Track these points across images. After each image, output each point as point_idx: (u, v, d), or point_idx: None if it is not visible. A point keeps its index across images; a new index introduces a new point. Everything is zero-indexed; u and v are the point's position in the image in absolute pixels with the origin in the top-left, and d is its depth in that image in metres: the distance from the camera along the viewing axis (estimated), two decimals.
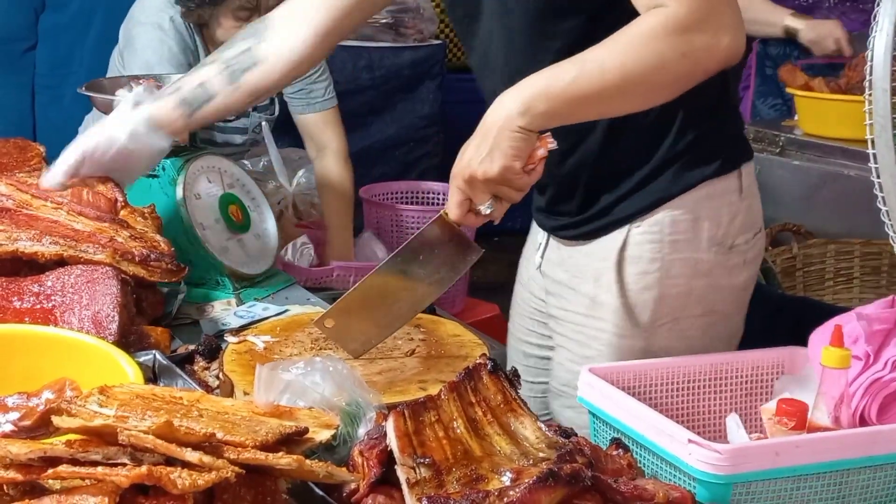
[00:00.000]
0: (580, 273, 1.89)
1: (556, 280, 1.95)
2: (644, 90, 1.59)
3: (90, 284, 1.70)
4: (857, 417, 1.51)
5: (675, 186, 1.80)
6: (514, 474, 1.21)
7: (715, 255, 1.81)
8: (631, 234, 1.81)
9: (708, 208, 1.80)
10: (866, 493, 1.39)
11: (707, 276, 1.82)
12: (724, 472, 1.31)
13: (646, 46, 1.54)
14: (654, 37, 1.54)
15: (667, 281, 1.81)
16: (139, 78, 2.39)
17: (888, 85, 1.32)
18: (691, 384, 1.61)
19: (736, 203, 1.83)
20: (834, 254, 3.17)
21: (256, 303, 2.11)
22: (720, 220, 1.81)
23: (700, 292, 1.82)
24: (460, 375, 1.34)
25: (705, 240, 1.80)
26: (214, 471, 1.08)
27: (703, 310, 1.83)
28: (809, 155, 3.35)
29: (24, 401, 1.32)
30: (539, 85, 1.57)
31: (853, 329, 1.53)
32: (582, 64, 1.57)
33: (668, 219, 1.80)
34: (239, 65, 1.96)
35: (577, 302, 1.89)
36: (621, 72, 1.55)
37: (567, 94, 1.56)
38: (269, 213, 2.34)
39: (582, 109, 1.60)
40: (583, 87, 1.56)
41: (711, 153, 1.81)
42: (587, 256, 1.88)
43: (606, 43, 1.57)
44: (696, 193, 1.80)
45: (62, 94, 3.65)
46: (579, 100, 1.57)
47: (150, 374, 1.62)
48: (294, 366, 1.43)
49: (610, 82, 1.55)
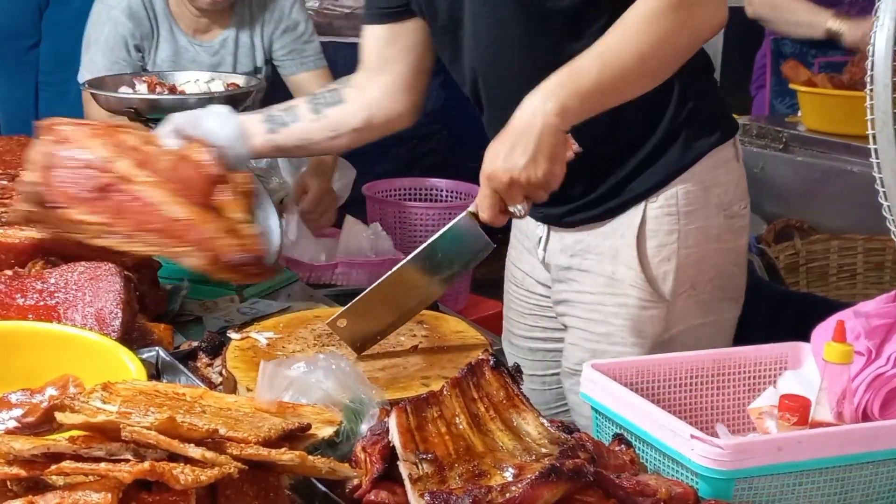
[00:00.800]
0: (592, 254, 1.92)
1: (563, 266, 1.96)
2: (657, 68, 1.69)
3: (93, 281, 1.70)
4: (860, 413, 1.51)
5: (686, 158, 1.86)
6: (517, 470, 1.21)
7: (723, 220, 1.90)
8: (648, 209, 1.86)
9: (715, 176, 1.88)
10: (869, 489, 1.39)
11: (717, 241, 1.90)
12: (727, 467, 1.31)
13: (653, 25, 1.63)
14: (659, 14, 1.63)
15: (683, 250, 1.87)
16: (141, 76, 2.40)
17: (889, 80, 1.33)
18: (694, 380, 1.61)
19: (736, 170, 1.92)
20: (837, 250, 3.17)
21: (259, 299, 2.12)
22: (727, 186, 1.90)
23: (712, 257, 1.90)
24: (463, 371, 1.34)
25: (714, 206, 1.88)
26: (217, 467, 1.09)
27: (715, 273, 1.91)
28: (813, 151, 3.35)
29: (28, 397, 1.32)
30: (568, 83, 1.63)
31: (854, 325, 1.53)
32: (601, 56, 1.64)
33: (682, 191, 1.86)
34: (324, 100, 2.04)
35: (591, 282, 1.92)
36: (640, 59, 1.64)
37: (595, 88, 1.64)
38: (272, 210, 2.33)
39: (608, 99, 1.68)
40: (607, 78, 1.64)
41: (711, 123, 1.89)
42: (601, 237, 1.91)
43: (616, 30, 1.65)
44: (704, 163, 1.87)
45: (66, 91, 3.63)
46: (606, 91, 1.65)
47: (153, 370, 1.63)
48: (297, 362, 1.43)
49: (630, 68, 1.65)
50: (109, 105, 2.33)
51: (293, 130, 2.01)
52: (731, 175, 1.91)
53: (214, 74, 2.45)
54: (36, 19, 3.68)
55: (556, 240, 1.98)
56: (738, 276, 1.97)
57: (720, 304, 1.93)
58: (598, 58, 1.64)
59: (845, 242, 3.17)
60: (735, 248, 1.94)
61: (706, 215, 1.88)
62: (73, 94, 3.60)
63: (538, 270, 2.04)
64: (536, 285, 2.06)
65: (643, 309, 1.89)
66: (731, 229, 1.92)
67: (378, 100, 2.02)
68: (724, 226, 1.90)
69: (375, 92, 2.02)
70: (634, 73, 1.66)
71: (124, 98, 2.25)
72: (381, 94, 2.01)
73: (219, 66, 2.90)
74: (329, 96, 2.04)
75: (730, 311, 1.96)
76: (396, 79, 2.01)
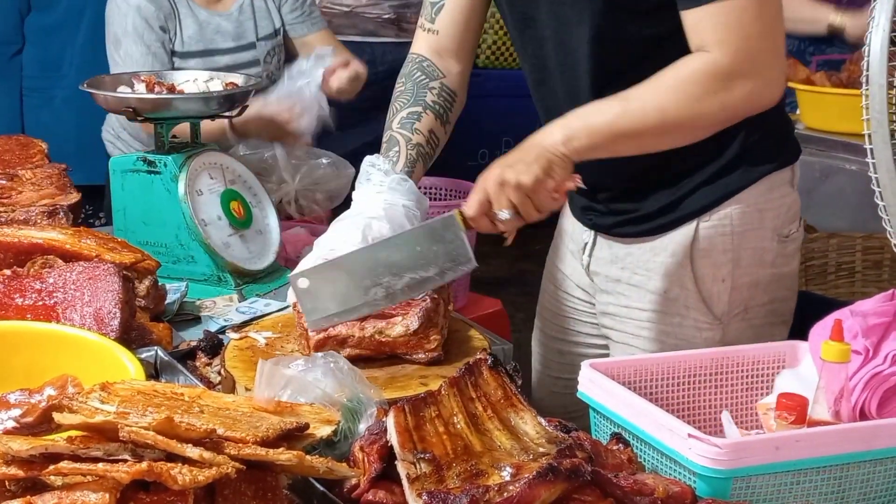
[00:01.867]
0: (642, 269, 1.92)
1: (612, 278, 1.96)
2: (682, 133, 1.70)
3: (92, 281, 1.70)
4: (858, 411, 1.51)
5: (743, 181, 1.86)
6: (514, 469, 1.21)
7: (777, 244, 1.90)
8: (700, 229, 1.87)
9: (769, 200, 1.88)
10: (866, 487, 1.39)
11: (772, 266, 1.90)
12: (724, 466, 1.31)
13: (686, 93, 1.64)
14: (695, 83, 1.64)
15: (737, 271, 1.88)
16: (140, 75, 2.40)
17: (884, 80, 1.33)
18: (692, 379, 1.61)
19: (790, 194, 1.92)
20: (836, 248, 3.16)
21: (258, 299, 2.12)
22: (780, 210, 1.90)
23: (766, 281, 1.90)
24: (461, 371, 1.35)
25: (769, 230, 1.89)
26: (215, 467, 1.09)
27: (769, 298, 1.92)
28: (811, 149, 3.35)
29: (26, 397, 1.32)
30: (583, 119, 1.67)
31: (852, 324, 1.54)
32: (625, 103, 1.66)
33: (737, 212, 1.86)
34: (444, 104, 1.98)
35: (642, 298, 1.92)
36: (661, 116, 1.65)
37: (607, 131, 1.66)
38: (272, 209, 2.34)
39: (620, 146, 1.69)
40: (623, 126, 1.66)
41: (774, 150, 1.88)
42: (650, 252, 1.91)
43: (650, 83, 1.66)
44: (759, 186, 1.87)
45: (53, 97, 3.59)
46: (618, 137, 1.67)
47: (151, 370, 1.63)
48: (295, 362, 1.43)
49: (650, 124, 1.66)
50: (108, 105, 2.33)
51: (438, 151, 1.98)
52: (785, 199, 1.90)
53: (213, 73, 2.44)
54: (17, 24, 3.62)
55: (604, 248, 1.98)
56: (790, 300, 1.97)
57: (771, 329, 1.93)
58: (621, 103, 1.67)
59: (844, 240, 3.17)
60: (789, 273, 1.94)
61: (761, 237, 1.88)
62: (58, 100, 3.58)
63: (579, 274, 2.04)
64: (576, 289, 2.07)
65: (697, 330, 1.89)
66: (783, 253, 1.91)
67: (462, 77, 2.02)
68: (777, 250, 1.90)
69: (459, 71, 2.01)
70: (654, 130, 1.67)
71: (123, 98, 2.25)
72: (463, 70, 2.01)
73: (244, 34, 2.91)
74: (446, 97, 1.99)
75: (780, 335, 1.94)
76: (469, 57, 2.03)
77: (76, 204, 2.25)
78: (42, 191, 2.28)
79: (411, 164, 1.89)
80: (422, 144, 1.92)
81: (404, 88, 1.97)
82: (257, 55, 2.94)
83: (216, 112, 2.30)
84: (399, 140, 1.90)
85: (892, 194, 1.40)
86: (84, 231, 1.94)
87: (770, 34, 1.66)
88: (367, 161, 1.89)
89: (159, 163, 2.19)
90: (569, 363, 2.11)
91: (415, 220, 1.81)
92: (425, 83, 1.97)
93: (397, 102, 1.97)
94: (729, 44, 1.62)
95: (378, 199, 1.82)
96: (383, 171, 1.85)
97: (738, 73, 1.63)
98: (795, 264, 1.96)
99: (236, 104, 2.32)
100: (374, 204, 1.81)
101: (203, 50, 2.86)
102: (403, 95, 1.97)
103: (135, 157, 2.23)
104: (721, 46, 1.63)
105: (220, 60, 2.86)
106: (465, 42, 2.00)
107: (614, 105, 1.67)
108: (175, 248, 2.20)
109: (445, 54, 1.99)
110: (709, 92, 1.64)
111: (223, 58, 2.87)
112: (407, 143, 1.90)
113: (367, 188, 1.84)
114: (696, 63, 1.64)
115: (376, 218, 1.78)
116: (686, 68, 1.65)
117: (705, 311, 1.88)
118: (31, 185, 2.30)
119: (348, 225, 1.79)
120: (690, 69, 1.64)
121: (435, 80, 1.97)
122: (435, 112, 1.95)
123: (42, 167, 2.42)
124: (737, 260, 1.87)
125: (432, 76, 1.98)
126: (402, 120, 1.93)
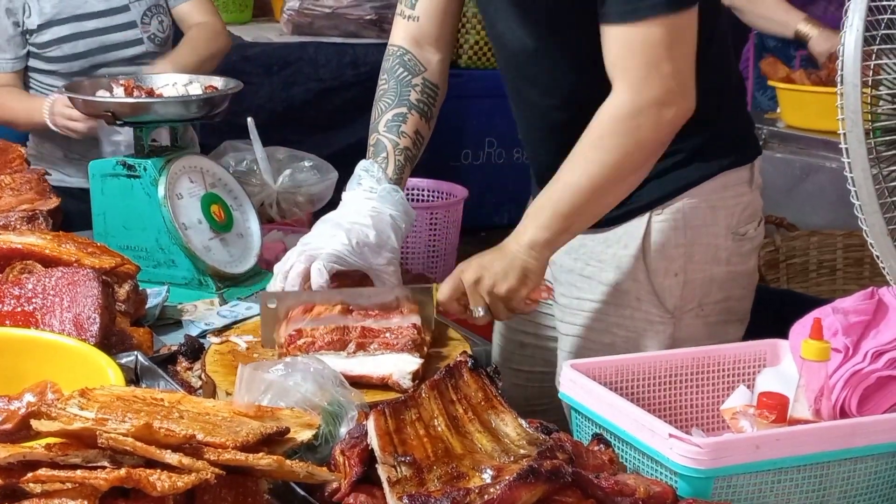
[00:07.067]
0: (595, 261, 1.93)
1: (565, 268, 1.97)
2: (621, 184, 1.74)
3: (71, 287, 1.69)
4: (838, 410, 1.52)
5: (695, 176, 1.88)
6: (495, 471, 1.21)
7: (732, 242, 1.91)
8: (652, 222, 1.88)
9: (723, 198, 1.90)
10: (847, 486, 1.40)
11: (727, 264, 1.91)
12: (705, 465, 1.31)
13: (605, 150, 1.69)
14: (607, 136, 1.69)
15: (690, 266, 1.89)
16: (118, 78, 2.39)
17: (858, 80, 1.34)
18: (673, 378, 1.61)
19: (747, 194, 1.93)
20: (817, 245, 3.18)
21: (240, 302, 2.11)
22: (735, 209, 1.91)
23: (721, 279, 1.91)
24: (441, 373, 1.35)
25: (723, 227, 1.90)
26: (194, 472, 1.09)
27: (724, 295, 1.92)
28: (792, 147, 3.36)
29: (6, 404, 1.31)
30: (534, 217, 1.72)
31: (832, 322, 1.54)
32: (558, 185, 1.71)
33: (688, 206, 1.88)
34: (428, 101, 1.98)
35: (594, 290, 1.93)
36: (591, 182, 1.70)
37: (560, 218, 1.71)
38: (252, 213, 2.34)
39: (580, 222, 1.74)
40: (568, 207, 1.71)
41: (731, 145, 1.90)
42: (603, 244, 1.92)
43: (573, 155, 1.71)
44: (713, 183, 1.89)
45: None
46: (572, 217, 1.71)
47: (132, 375, 1.62)
48: (275, 367, 1.43)
49: (587, 194, 1.70)
50: (86, 109, 2.32)
51: (423, 147, 1.99)
52: (741, 199, 1.91)
53: (193, 77, 2.43)
54: None
55: None
56: (746, 298, 1.98)
57: (726, 327, 1.94)
58: (556, 186, 1.72)
59: (825, 238, 3.19)
60: (745, 272, 1.95)
61: (714, 234, 1.89)
62: None
63: None
64: None
65: (649, 323, 1.90)
66: (739, 252, 1.92)
67: (443, 66, 2.02)
68: (732, 248, 1.91)
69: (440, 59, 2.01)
70: (594, 195, 1.71)
71: (102, 102, 2.24)
72: (443, 59, 2.01)
73: None
74: (429, 93, 1.98)
75: (735, 333, 1.96)
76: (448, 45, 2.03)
77: (55, 209, 2.24)
78: (21, 196, 2.27)
79: (400, 170, 1.90)
80: (409, 147, 1.92)
81: (388, 87, 1.98)
82: (132, 17, 2.88)
83: (196, 115, 2.30)
84: (387, 145, 1.91)
85: (868, 194, 1.41)
86: (63, 236, 1.93)
87: (674, 58, 1.68)
88: (361, 166, 1.89)
89: (139, 167, 2.18)
90: (529, 356, 2.13)
91: (399, 231, 1.83)
92: (408, 80, 1.97)
93: (382, 102, 1.97)
94: (629, 80, 1.68)
95: (367, 205, 1.83)
96: (376, 178, 1.86)
97: (641, 108, 1.67)
98: (753, 263, 1.97)
99: (216, 107, 2.31)
100: (362, 209, 1.82)
101: (70, 17, 2.82)
102: (388, 95, 1.97)
103: (114, 161, 2.22)
104: (622, 83, 1.68)
105: (87, 25, 2.82)
106: (445, 27, 2.01)
107: (552, 193, 1.72)
108: (155, 252, 2.19)
109: (426, 43, 1.99)
110: (622, 137, 1.68)
111: (91, 22, 2.83)
112: (395, 149, 1.91)
113: (357, 192, 1.86)
114: (604, 115, 1.70)
115: (363, 224, 1.80)
116: (598, 125, 1.70)
117: (657, 305, 1.89)
118: (9, 191, 2.29)
119: (334, 226, 1.80)
120: (601, 124, 1.70)
121: (417, 75, 1.97)
122: (420, 111, 1.95)
123: (21, 172, 2.41)
124: (689, 255, 1.88)
125: (414, 71, 1.98)
126: (388, 123, 1.93)
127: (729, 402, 1.58)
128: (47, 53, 2.81)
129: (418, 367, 1.58)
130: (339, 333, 1.64)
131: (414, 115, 1.94)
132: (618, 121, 1.68)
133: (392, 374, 1.57)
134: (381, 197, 1.84)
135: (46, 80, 2.85)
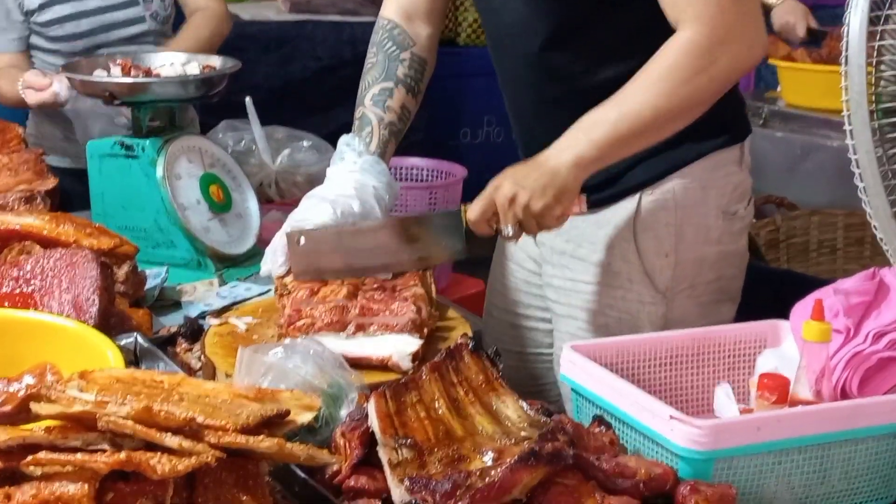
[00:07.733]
0: (586, 242, 1.92)
1: (557, 250, 1.96)
2: (681, 119, 1.72)
3: (70, 268, 1.69)
4: (839, 391, 1.51)
5: (686, 156, 1.87)
6: (496, 454, 1.21)
7: (723, 222, 1.90)
8: (643, 202, 1.87)
9: (714, 178, 1.89)
10: (848, 467, 1.39)
11: (717, 244, 1.91)
12: (706, 447, 1.31)
13: (674, 81, 1.66)
14: (679, 68, 1.66)
15: (681, 246, 1.88)
16: (116, 58, 2.38)
17: (863, 61, 1.33)
18: (674, 359, 1.61)
19: (737, 174, 1.92)
20: (818, 225, 3.17)
21: (239, 283, 2.11)
22: (725, 189, 1.90)
23: (713, 259, 1.91)
24: (442, 355, 1.34)
25: (713, 207, 1.89)
26: (195, 455, 1.08)
27: (715, 275, 1.92)
28: (793, 126, 3.36)
29: (5, 386, 1.31)
30: (586, 133, 1.68)
31: (833, 303, 1.54)
32: (619, 107, 1.68)
33: (679, 186, 1.87)
34: (415, 74, 1.99)
35: (587, 271, 1.92)
36: (655, 112, 1.67)
37: (613, 138, 1.68)
38: (251, 193, 2.33)
39: (625, 150, 1.73)
40: (624, 130, 1.68)
41: (720, 127, 1.88)
42: (594, 225, 1.91)
43: (638, 80, 1.68)
44: (703, 163, 1.88)
45: None
46: (624, 141, 1.69)
47: (131, 356, 1.61)
48: (275, 349, 1.42)
49: (648, 122, 1.68)
50: (85, 89, 2.31)
51: (409, 122, 1.99)
52: (731, 178, 1.91)
53: (190, 56, 2.42)
54: None
55: None
56: (737, 278, 1.97)
57: (718, 306, 1.94)
58: (616, 109, 1.68)
59: (826, 218, 3.18)
60: (735, 251, 1.95)
61: (704, 214, 1.88)
62: None
63: (529, 245, 2.04)
64: (527, 260, 2.07)
65: (641, 304, 1.89)
66: (730, 231, 1.92)
67: (432, 41, 2.02)
68: (723, 228, 1.90)
69: (429, 34, 2.02)
70: (652, 126, 1.69)
71: (101, 82, 2.23)
72: (433, 34, 2.02)
73: None
74: (417, 67, 1.99)
75: (728, 312, 1.96)
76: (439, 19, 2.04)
77: (54, 189, 2.23)
78: (19, 176, 2.26)
79: (384, 144, 1.91)
80: (394, 122, 1.93)
81: (376, 60, 1.98)
82: (141, 12, 2.87)
83: (194, 95, 2.28)
84: (372, 119, 1.92)
85: (872, 176, 1.40)
86: (62, 216, 1.92)
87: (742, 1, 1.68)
88: (343, 140, 1.91)
89: (137, 147, 2.17)
90: (519, 336, 2.12)
91: (383, 201, 1.84)
92: (396, 55, 1.97)
93: (369, 76, 1.97)
94: (704, 16, 1.65)
95: (350, 178, 1.84)
96: (357, 151, 1.88)
97: (718, 44, 1.65)
98: (743, 242, 1.97)
99: (214, 87, 2.30)
100: (345, 183, 1.84)
101: None
102: (375, 69, 1.97)
103: (112, 141, 2.21)
104: (696, 21, 1.65)
105: (89, 3, 2.78)
106: (437, 1, 2.01)
107: (610, 113, 1.68)
108: (154, 232, 2.18)
109: (416, 17, 2.00)
110: (695, 71, 1.66)
111: (93, 0, 2.79)
112: (379, 123, 1.92)
113: (340, 167, 1.88)
114: (675, 48, 1.66)
115: (347, 196, 1.81)
116: (668, 57, 1.67)
117: (649, 285, 1.89)
118: (7, 171, 2.28)
119: (319, 200, 1.82)
120: (672, 56, 1.66)
121: (406, 49, 1.98)
122: (407, 86, 1.96)
123: (18, 152, 2.40)
124: (680, 235, 1.88)
125: (403, 46, 1.98)
126: (375, 97, 1.94)
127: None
128: (49, 33, 2.79)
129: (418, 347, 1.58)
130: (338, 313, 1.64)
131: (401, 89, 1.95)
132: (691, 55, 1.65)
133: (392, 356, 1.56)
134: (363, 169, 1.85)
135: (49, 58, 2.83)
